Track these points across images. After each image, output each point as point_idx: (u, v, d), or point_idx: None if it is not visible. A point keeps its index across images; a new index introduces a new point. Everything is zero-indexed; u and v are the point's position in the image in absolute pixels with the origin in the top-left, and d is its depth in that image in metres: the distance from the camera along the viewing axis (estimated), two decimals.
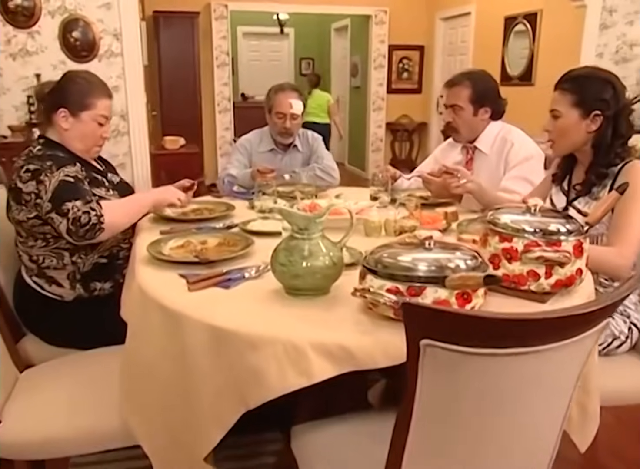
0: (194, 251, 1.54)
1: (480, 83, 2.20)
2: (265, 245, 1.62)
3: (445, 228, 1.83)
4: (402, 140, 7.67)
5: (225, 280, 1.36)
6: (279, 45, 9.61)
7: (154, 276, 1.43)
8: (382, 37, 7.18)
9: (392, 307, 1.08)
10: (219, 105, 6.75)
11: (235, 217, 2.00)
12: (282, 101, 2.56)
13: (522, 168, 2.14)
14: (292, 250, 1.25)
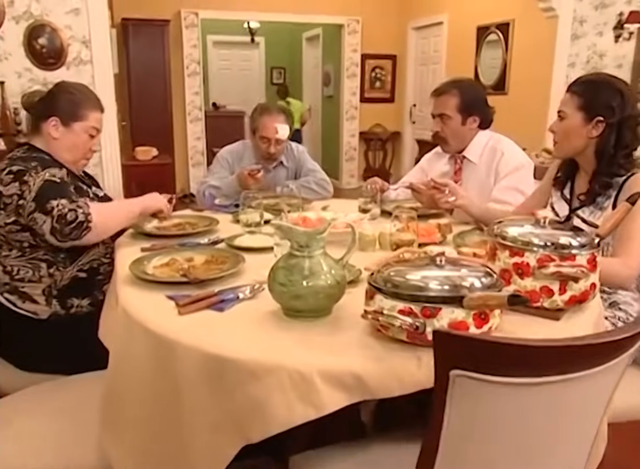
0: (181, 270, 1.44)
1: (469, 92, 2.17)
2: (256, 261, 1.55)
3: (441, 241, 1.78)
4: (376, 149, 7.67)
5: (218, 301, 1.26)
6: (249, 54, 9.54)
7: (138, 298, 1.33)
8: (354, 46, 7.19)
9: (407, 330, 1.00)
10: (190, 114, 6.63)
11: (220, 231, 1.91)
12: (267, 125, 2.46)
13: (512, 178, 2.11)
14: (292, 268, 1.17)
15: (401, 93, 7.49)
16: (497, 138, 2.25)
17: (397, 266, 1.14)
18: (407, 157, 7.53)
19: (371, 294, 1.10)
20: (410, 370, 1.01)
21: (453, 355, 0.75)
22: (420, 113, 7.23)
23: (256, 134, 2.51)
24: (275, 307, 1.24)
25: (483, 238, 1.81)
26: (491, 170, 2.18)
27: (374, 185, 2.16)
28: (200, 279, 1.36)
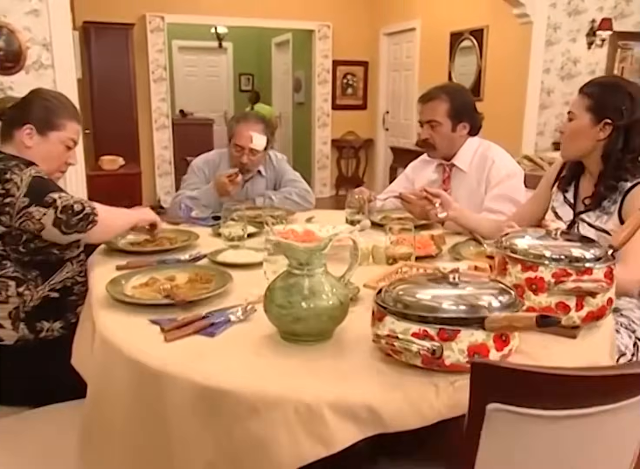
0: (163, 290, 1.34)
1: (458, 98, 2.13)
2: (243, 279, 1.47)
3: (437, 253, 1.72)
4: (349, 157, 7.64)
5: (207, 325, 1.17)
6: (217, 60, 9.43)
7: (118, 322, 1.22)
8: (325, 52, 7.16)
9: (426, 355, 0.93)
10: (157, 122, 6.48)
11: (200, 246, 1.82)
12: (242, 133, 2.36)
13: (504, 186, 2.08)
14: (291, 288, 1.09)
15: (373, 100, 7.49)
16: (487, 145, 2.22)
17: (404, 284, 1.08)
18: (381, 165, 7.52)
19: (379, 316, 1.03)
20: (428, 399, 0.94)
21: (493, 388, 0.68)
22: (393, 120, 7.24)
23: (231, 141, 2.43)
24: (271, 330, 1.15)
25: (479, 250, 1.78)
26: (482, 178, 2.14)
27: (361, 195, 2.09)
28: (187, 300, 1.26)
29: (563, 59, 5.03)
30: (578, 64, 5.09)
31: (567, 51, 5.02)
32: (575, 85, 5.12)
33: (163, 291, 1.33)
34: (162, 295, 1.32)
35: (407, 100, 6.87)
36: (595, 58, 5.10)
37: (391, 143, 7.11)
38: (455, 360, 0.95)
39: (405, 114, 6.95)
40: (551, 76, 5.05)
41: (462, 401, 0.94)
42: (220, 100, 9.14)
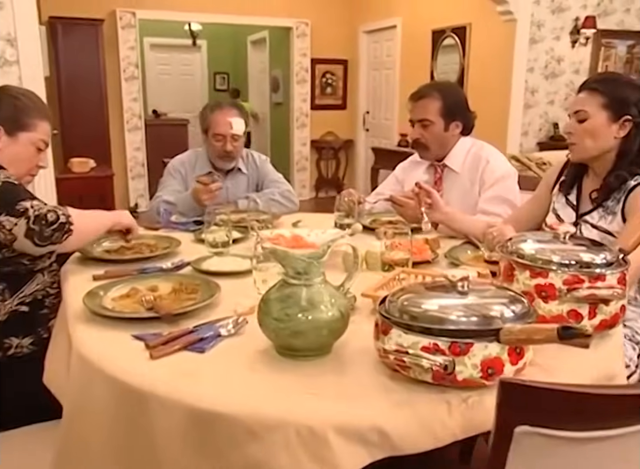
0: (146, 302, 1.28)
1: (451, 96, 2.10)
2: (231, 288, 1.41)
3: (434, 258, 1.68)
4: (328, 159, 7.60)
5: (196, 340, 1.11)
6: (190, 59, 9.32)
7: (98, 339, 1.16)
8: (304, 50, 7.12)
9: (438, 371, 0.89)
10: (129, 122, 6.36)
11: (182, 253, 1.75)
12: (220, 121, 2.34)
13: (499, 187, 2.05)
14: (288, 300, 1.03)
15: (353, 100, 7.47)
16: (480, 145, 2.19)
17: (408, 294, 1.03)
18: (361, 166, 7.50)
19: (385, 328, 0.98)
20: (441, 418, 0.90)
21: (523, 410, 0.63)
22: (374, 121, 7.23)
23: (209, 133, 2.39)
24: (265, 344, 1.10)
25: (477, 254, 1.75)
26: (475, 179, 2.11)
27: (350, 197, 2.04)
28: (173, 313, 1.20)
29: (547, 57, 5.07)
30: (562, 63, 5.14)
31: (550, 49, 5.06)
32: (559, 84, 5.18)
33: (146, 303, 1.26)
34: (145, 307, 1.26)
35: (387, 99, 6.87)
36: (579, 56, 5.16)
37: (372, 143, 7.09)
38: (468, 375, 0.91)
39: (386, 114, 6.94)
40: (535, 75, 5.09)
41: (476, 419, 0.90)
42: (194, 99, 9.03)
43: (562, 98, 5.24)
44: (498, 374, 0.92)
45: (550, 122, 5.25)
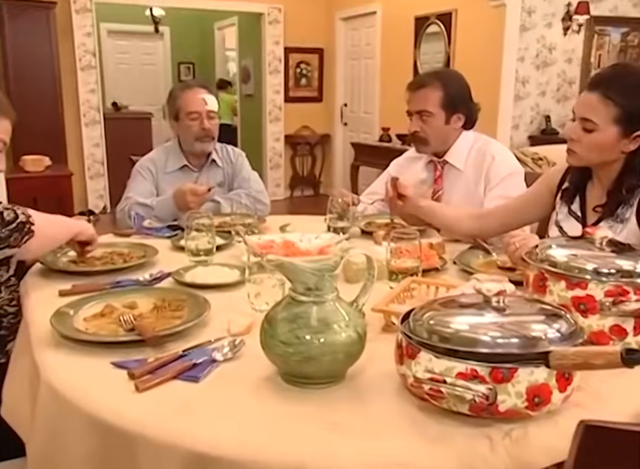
0: (124, 322, 1.18)
1: (453, 85, 2.04)
2: (220, 303, 1.33)
3: (443, 265, 1.62)
4: (304, 155, 7.54)
5: (188, 367, 1.02)
6: (152, 47, 9.17)
7: (71, 367, 1.06)
8: (276, 38, 7.03)
9: (482, 402, 0.81)
10: (86, 116, 6.18)
11: (160, 263, 1.65)
12: (192, 98, 2.32)
13: (506, 186, 2.00)
14: (297, 320, 0.95)
15: (330, 92, 7.41)
16: (485, 140, 2.14)
17: (433, 310, 0.96)
18: (339, 163, 7.44)
19: (411, 351, 0.90)
20: (483, 455, 0.82)
21: (612, 458, 0.56)
22: (352, 114, 7.18)
23: (180, 115, 2.34)
24: (269, 370, 1.01)
25: (489, 259, 1.69)
26: (480, 177, 2.06)
27: (344, 198, 1.97)
28: (158, 335, 1.10)
29: (538, 46, 5.08)
30: (554, 51, 5.15)
31: (542, 37, 5.07)
32: (550, 74, 5.19)
33: (125, 324, 1.17)
34: (125, 328, 1.16)
35: (367, 91, 6.82)
36: (572, 45, 5.18)
37: (351, 138, 7.04)
38: (512, 405, 0.84)
39: (366, 107, 6.90)
40: (526, 65, 5.09)
41: (524, 457, 0.83)
42: (157, 91, 8.89)
43: (554, 89, 5.26)
44: (545, 403, 0.85)
45: (541, 115, 5.26)
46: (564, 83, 5.28)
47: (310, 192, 7.67)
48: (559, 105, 5.34)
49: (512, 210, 1.75)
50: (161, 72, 9.35)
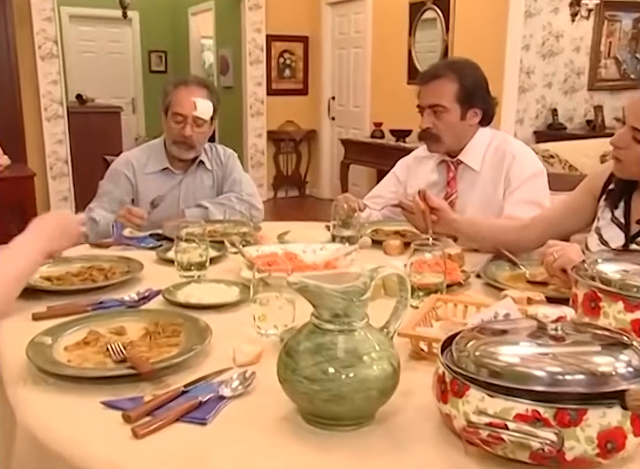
0: (113, 352, 1.10)
1: (469, 76, 2.00)
2: (220, 327, 1.27)
3: (466, 279, 1.56)
4: (288, 152, 7.49)
5: (192, 406, 0.94)
6: (120, 34, 9.06)
7: (52, 409, 0.98)
8: (257, 25, 6.95)
9: (551, 452, 0.75)
10: (47, 110, 6.03)
11: (147, 279, 1.58)
12: (182, 99, 2.23)
13: (529, 188, 1.96)
14: (323, 352, 0.88)
15: (316, 84, 7.36)
16: (502, 137, 2.10)
17: (477, 339, 0.91)
18: (326, 161, 7.39)
19: (457, 388, 0.84)
20: None
21: None
22: (341, 108, 7.14)
23: (168, 113, 2.27)
24: (286, 408, 0.95)
25: (517, 272, 1.64)
26: (499, 179, 2.01)
27: (350, 203, 1.91)
28: (153, 368, 1.03)
29: (544, 33, 5.07)
30: (561, 39, 5.15)
31: (548, 24, 5.06)
32: (557, 64, 5.18)
33: (114, 355, 1.09)
34: (114, 359, 1.08)
35: (357, 83, 6.78)
36: (580, 32, 5.18)
37: (339, 134, 7.00)
38: (581, 452, 0.78)
39: (356, 100, 6.86)
40: (531, 54, 5.08)
41: None
42: (126, 83, 8.80)
43: (561, 80, 5.26)
44: (619, 449, 0.79)
45: (548, 108, 5.26)
46: (571, 74, 5.29)
47: (295, 192, 7.61)
48: (566, 98, 5.34)
49: (552, 220, 1.70)
50: (130, 61, 9.23)
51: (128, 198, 2.28)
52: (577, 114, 5.44)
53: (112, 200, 2.25)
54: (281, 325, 1.22)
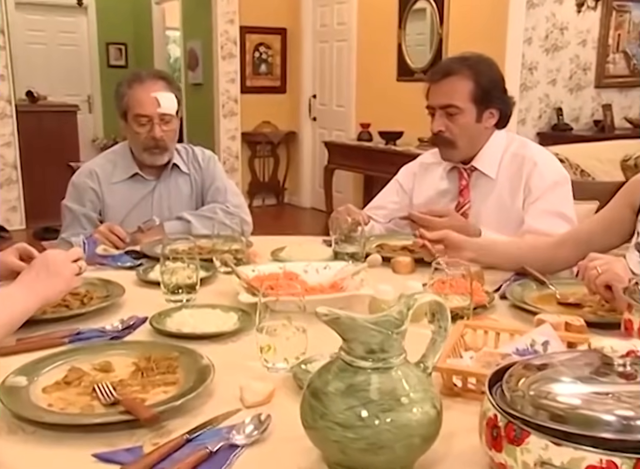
0: (102, 393, 1.05)
1: (485, 73, 2.00)
2: (219, 359, 1.22)
3: (490, 301, 1.54)
4: (265, 156, 7.49)
5: (201, 458, 0.90)
6: (74, 23, 9.00)
7: (35, 465, 0.92)
8: (230, 15, 6.96)
9: None
10: None
11: (129, 304, 1.55)
12: (141, 98, 2.20)
13: (552, 198, 1.95)
14: (357, 393, 0.85)
15: (296, 81, 7.37)
16: (520, 141, 2.11)
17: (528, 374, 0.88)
18: (307, 166, 7.39)
19: (514, 434, 0.80)
20: None
21: None
22: (323, 107, 7.14)
23: (128, 117, 2.24)
24: (310, 457, 0.91)
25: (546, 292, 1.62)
26: (518, 187, 2.00)
27: (354, 216, 1.88)
28: (156, 413, 0.97)
29: (548, 25, 5.11)
30: (566, 32, 5.20)
31: (552, 15, 5.11)
32: (562, 59, 5.23)
33: (104, 397, 1.03)
34: (105, 402, 1.03)
35: (341, 80, 6.79)
36: (587, 24, 5.23)
37: (321, 136, 7.00)
38: None
39: (339, 99, 6.87)
40: (533, 48, 5.11)
41: None
42: (81, 79, 8.71)
43: (566, 76, 5.30)
44: None
45: (552, 107, 5.30)
46: (577, 70, 5.34)
47: (272, 200, 7.59)
48: (572, 96, 5.39)
49: (587, 237, 1.69)
50: (85, 54, 9.19)
51: (92, 215, 2.25)
52: (584, 114, 5.48)
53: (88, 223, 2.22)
54: (291, 358, 1.18)
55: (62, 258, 1.31)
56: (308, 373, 1.15)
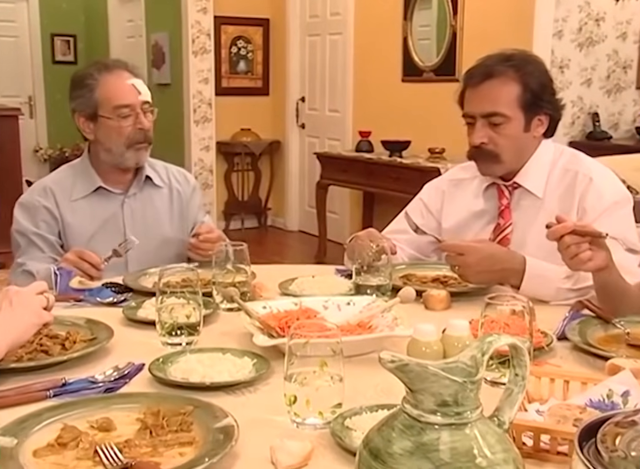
0: (108, 458, 1.06)
1: (534, 74, 2.03)
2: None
3: (549, 343, 1.56)
4: (244, 170, 7.56)
5: None
6: (12, 11, 9.05)
7: None
8: (203, 4, 7.03)
9: None
10: None
11: (120, 348, 1.57)
12: (118, 87, 2.30)
13: (610, 221, 1.97)
14: (429, 454, 0.86)
15: (280, 81, 7.46)
16: (571, 153, 2.14)
17: (622, 431, 0.89)
18: (294, 181, 7.44)
19: None
20: None
21: None
22: (313, 112, 7.20)
23: (102, 113, 2.28)
24: None
25: (614, 332, 1.66)
26: (571, 208, 2.03)
27: (379, 243, 1.90)
28: None
29: (581, 15, 5.20)
30: (602, 24, 5.28)
31: (586, 5, 5.20)
32: (598, 55, 5.31)
33: (111, 463, 1.04)
34: (112, 467, 1.03)
35: (334, 80, 6.88)
36: (626, 14, 5.33)
37: (311, 146, 7.05)
38: None
39: (333, 103, 6.94)
40: (564, 43, 5.19)
41: None
42: (21, 77, 8.74)
43: (604, 76, 5.37)
44: None
45: (586, 112, 5.36)
46: (616, 68, 5.41)
47: (253, 222, 7.63)
48: (610, 99, 5.46)
49: None
50: (26, 48, 9.24)
51: (51, 238, 2.27)
52: (624, 119, 5.56)
53: (47, 247, 2.24)
54: (329, 412, 1.19)
55: (25, 290, 1.36)
56: (349, 429, 1.16)
